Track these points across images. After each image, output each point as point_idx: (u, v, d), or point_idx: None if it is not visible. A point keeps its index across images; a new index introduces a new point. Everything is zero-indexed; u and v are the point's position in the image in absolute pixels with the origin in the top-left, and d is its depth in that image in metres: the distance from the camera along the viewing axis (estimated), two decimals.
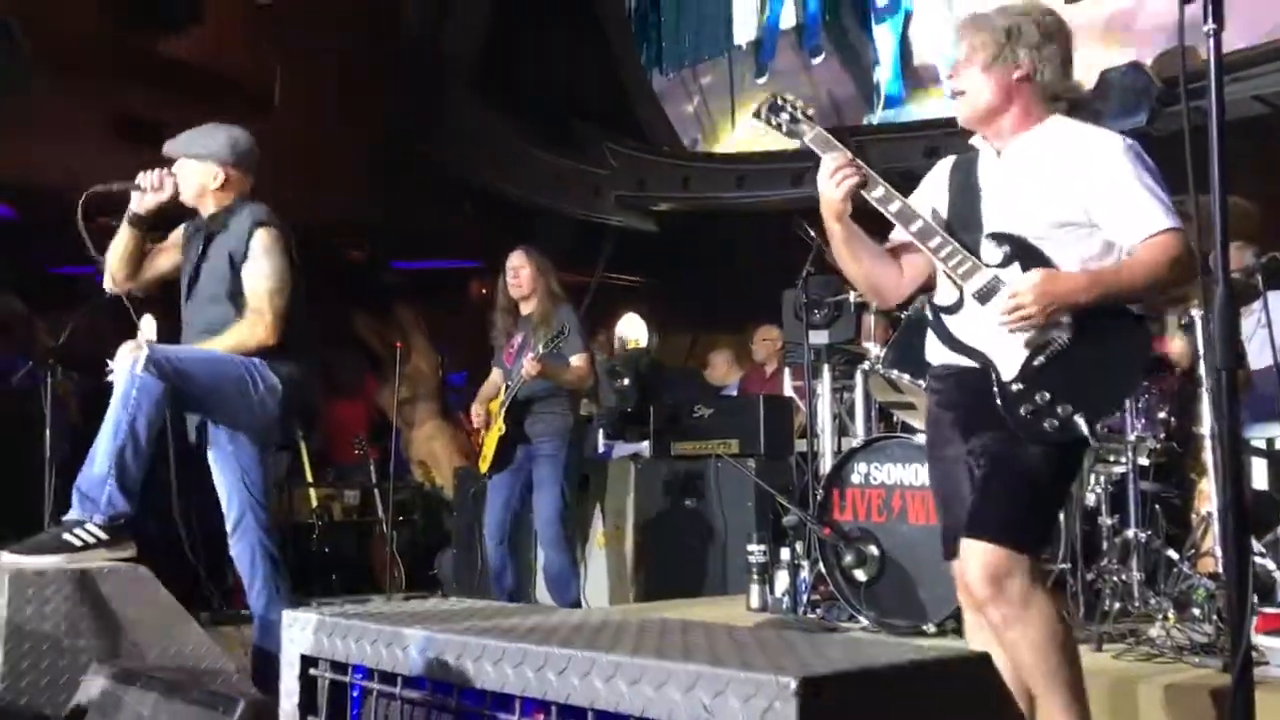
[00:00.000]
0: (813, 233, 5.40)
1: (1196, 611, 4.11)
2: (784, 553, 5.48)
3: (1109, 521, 4.44)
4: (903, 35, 9.91)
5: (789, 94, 2.87)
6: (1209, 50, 2.18)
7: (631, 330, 10.47)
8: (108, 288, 4.09)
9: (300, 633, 2.18)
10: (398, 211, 10.44)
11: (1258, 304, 4.48)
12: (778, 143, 10.97)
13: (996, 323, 2.61)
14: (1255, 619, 3.46)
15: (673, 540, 6.52)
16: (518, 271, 5.75)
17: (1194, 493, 4.69)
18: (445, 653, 1.85)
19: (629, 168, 10.61)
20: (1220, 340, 2.09)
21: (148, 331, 4.26)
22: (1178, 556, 4.35)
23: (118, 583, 3.23)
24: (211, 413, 3.86)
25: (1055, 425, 2.56)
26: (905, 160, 7.83)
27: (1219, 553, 4.27)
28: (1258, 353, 4.63)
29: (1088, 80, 6.84)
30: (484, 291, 8.60)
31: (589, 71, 11.31)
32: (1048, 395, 2.56)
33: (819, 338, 5.99)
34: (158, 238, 4.14)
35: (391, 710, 1.99)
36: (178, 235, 4.13)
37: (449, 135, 10.73)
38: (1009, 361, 2.63)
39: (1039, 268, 2.60)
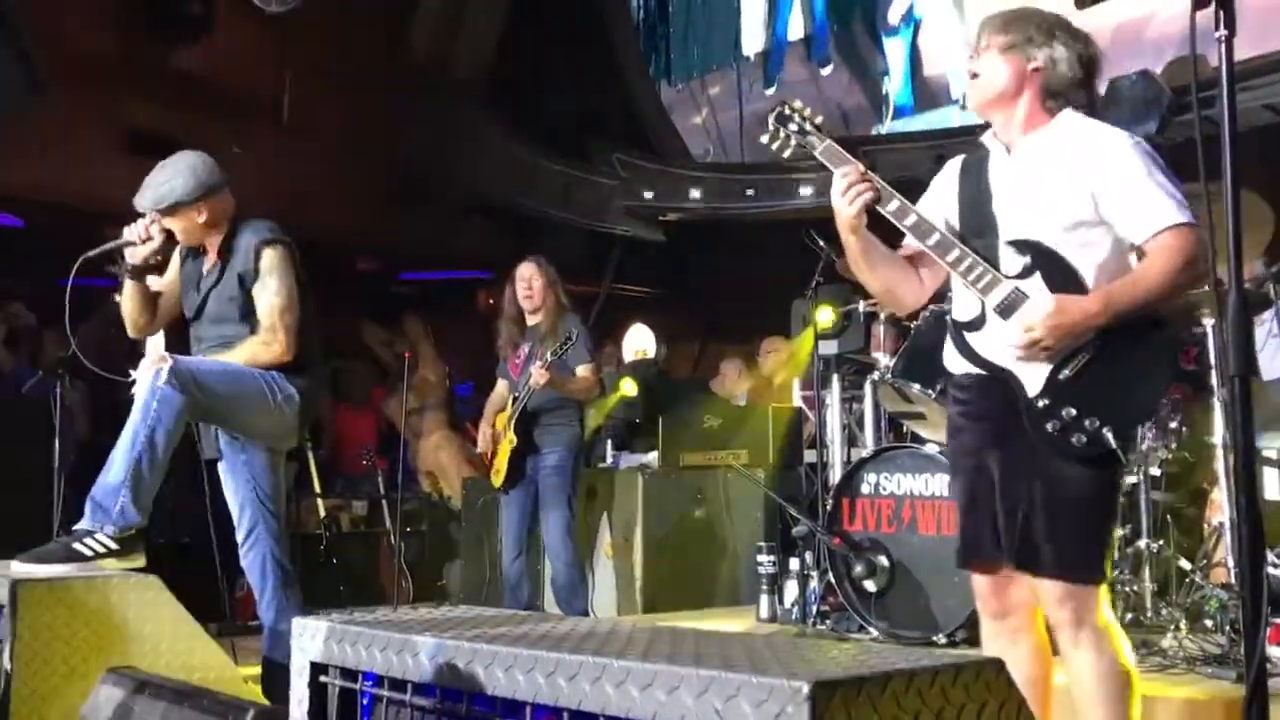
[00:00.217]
0: (821, 242, 5.40)
1: (1209, 622, 4.10)
2: (793, 563, 5.47)
3: (1121, 532, 4.42)
4: (912, 45, 9.91)
5: (796, 102, 2.84)
6: (1220, 56, 2.17)
7: (639, 341, 10.46)
8: (133, 335, 4.09)
9: (310, 640, 2.18)
10: (407, 222, 10.46)
11: (1269, 313, 4.46)
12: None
13: (1011, 344, 2.58)
14: (1269, 630, 3.44)
15: (681, 551, 6.50)
16: (530, 283, 5.74)
17: (1206, 503, 4.67)
18: (456, 659, 1.85)
19: (637, 178, 10.61)
20: (1234, 347, 2.07)
21: (157, 344, 4.26)
22: (1190, 567, 4.34)
23: (128, 592, 3.24)
24: (232, 423, 3.88)
25: (1083, 440, 2.51)
26: (915, 170, 7.80)
27: (1231, 563, 4.25)
28: (1269, 362, 4.62)
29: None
30: (491, 302, 8.60)
31: (597, 82, 11.33)
32: (1074, 411, 2.52)
33: (828, 348, 5.99)
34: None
35: (402, 717, 1.99)
36: (175, 268, 4.13)
37: (457, 147, 10.74)
38: (1033, 377, 2.59)
39: (1057, 276, 2.57)
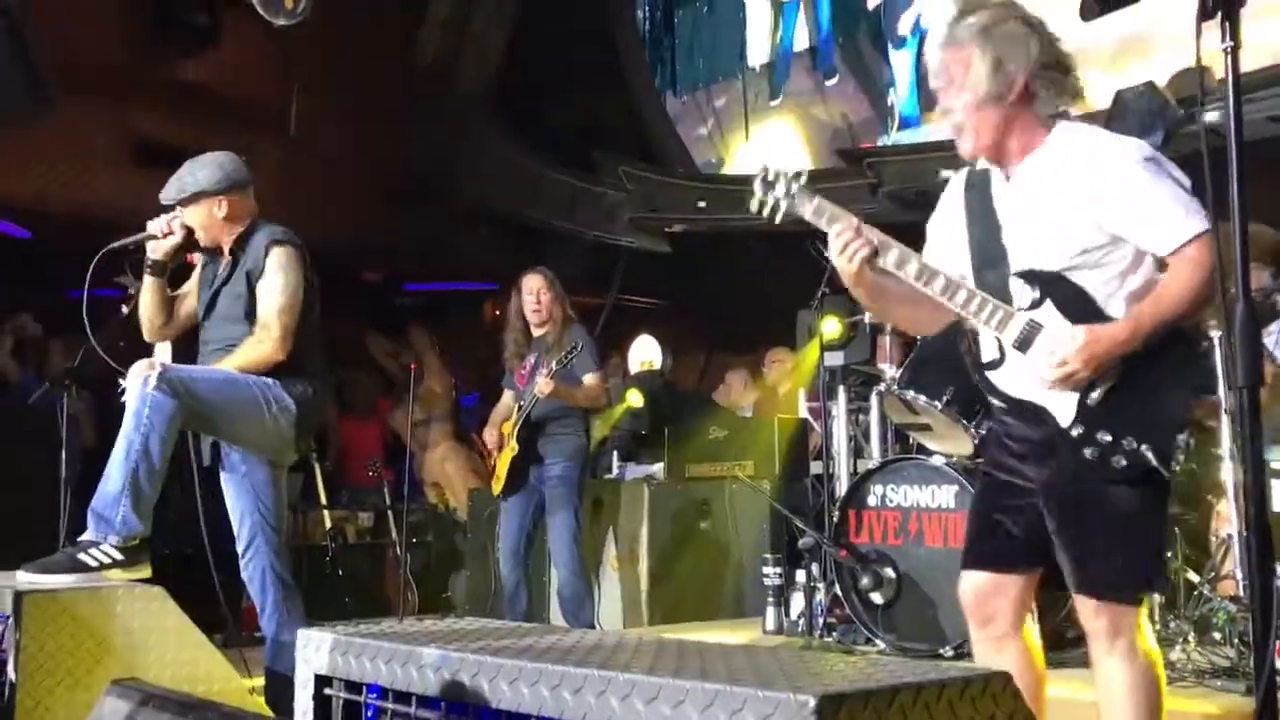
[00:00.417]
0: (826, 254, 5.39)
1: (1217, 635, 4.08)
2: (799, 575, 5.46)
3: None
4: (918, 55, 9.92)
5: (778, 163, 2.80)
6: (1226, 67, 2.16)
7: (645, 352, 10.45)
8: (149, 338, 4.10)
9: (315, 652, 2.17)
10: (412, 233, 10.48)
11: (1275, 325, 4.45)
12: (790, 163, 11.02)
13: (1042, 377, 2.55)
14: (1278, 643, 3.42)
15: (687, 563, 6.49)
16: (538, 295, 5.75)
17: (1212, 515, 4.65)
18: (461, 672, 1.84)
19: (643, 189, 10.63)
20: (1242, 358, 2.06)
21: (162, 353, 4.27)
22: (1198, 580, 4.32)
23: (132, 603, 3.24)
24: (224, 433, 3.85)
25: (1123, 463, 2.49)
26: (921, 181, 7.79)
27: (1239, 575, 4.23)
28: None
29: (1103, 101, 6.83)
30: (497, 313, 8.61)
31: (603, 94, 11.35)
32: (1108, 436, 2.50)
33: (834, 359, 5.98)
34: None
35: None
36: (195, 278, 4.15)
37: (463, 158, 10.76)
38: (1063, 406, 2.56)
39: (1069, 302, 2.55)
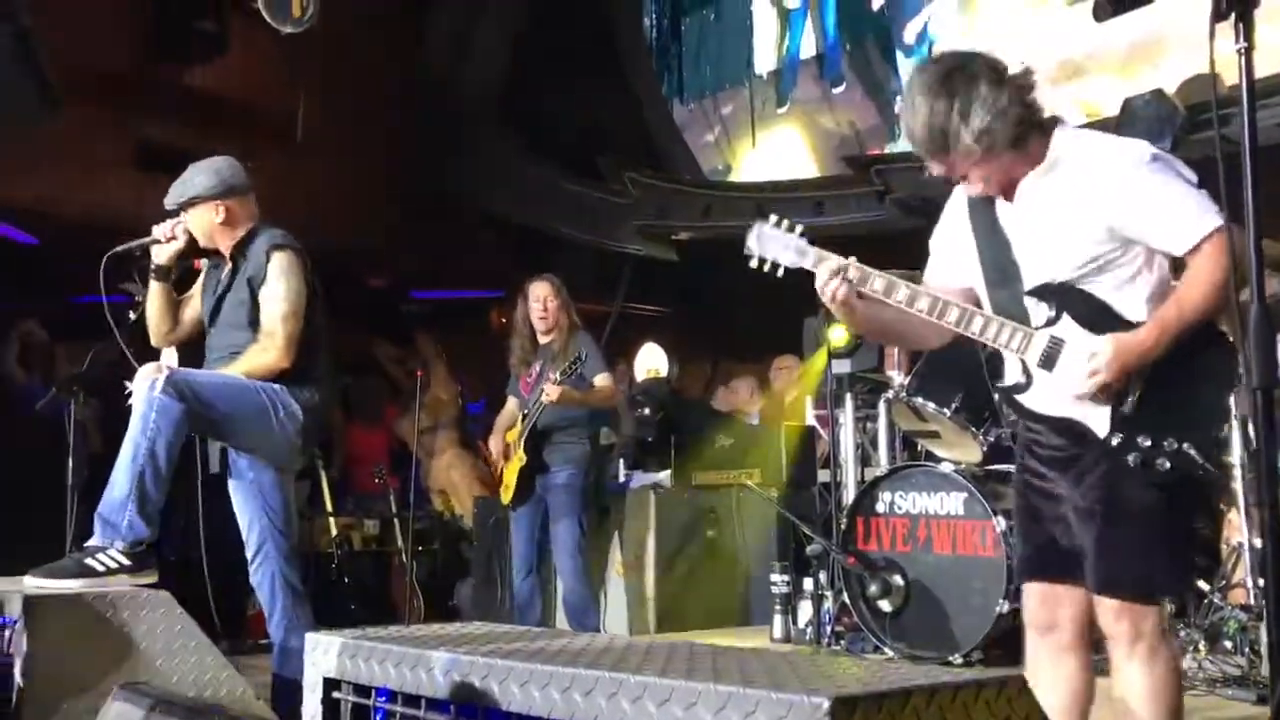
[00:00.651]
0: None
1: (1229, 644, 4.07)
2: (807, 583, 5.45)
3: None
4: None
5: (773, 217, 2.74)
6: (1240, 69, 2.15)
7: (651, 360, 10.44)
8: (155, 344, 4.09)
9: (323, 655, 2.16)
10: (418, 240, 10.48)
11: None
12: (797, 170, 10.96)
13: (1074, 392, 2.54)
14: None
15: (693, 570, 6.48)
16: (545, 302, 5.76)
17: (1223, 523, 4.63)
18: (470, 675, 1.83)
19: (650, 197, 10.62)
20: (1256, 360, 2.04)
21: (168, 358, 4.26)
22: (1209, 588, 4.30)
23: (139, 608, 3.22)
24: (232, 438, 3.84)
25: (1167, 465, 2.47)
26: (927, 189, 7.79)
27: (1250, 584, 4.22)
28: None
29: (1112, 108, 6.83)
30: (503, 320, 8.60)
31: (610, 101, 11.35)
32: (1149, 440, 2.48)
33: (841, 366, 5.97)
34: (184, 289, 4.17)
35: None
36: (200, 283, 4.15)
37: (470, 165, 10.77)
38: (1099, 417, 2.54)
39: (1086, 312, 2.54)
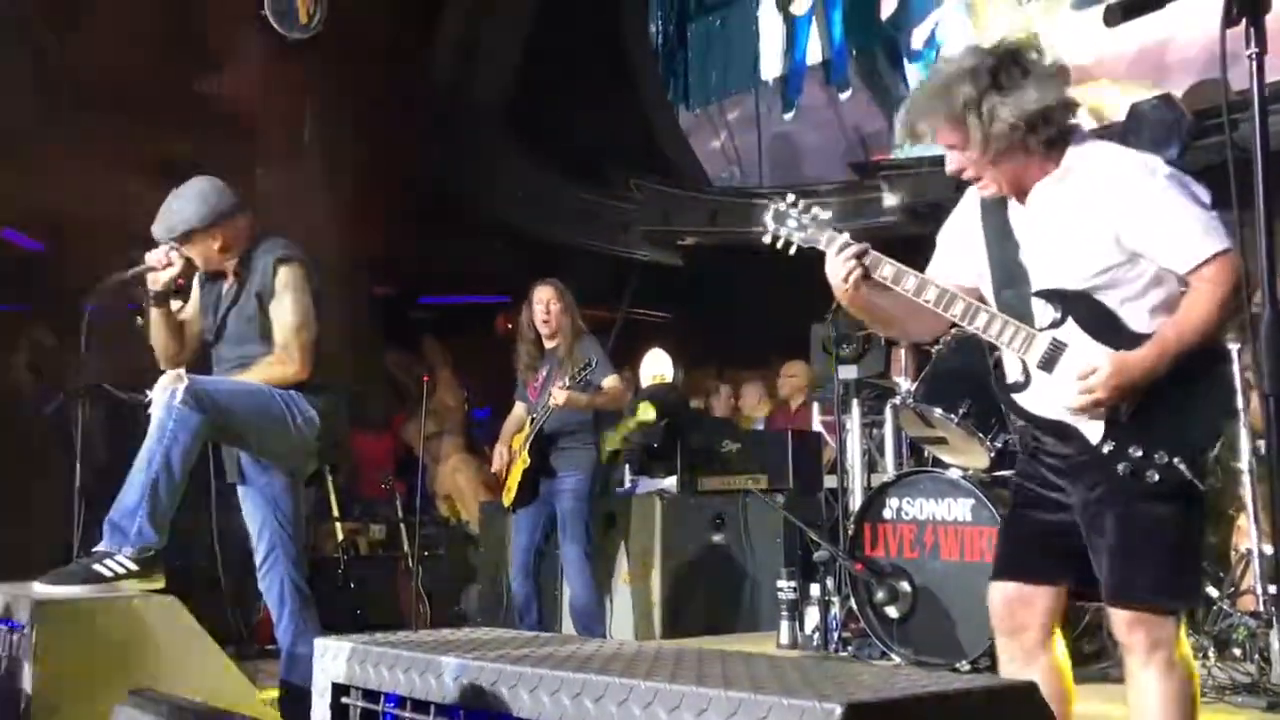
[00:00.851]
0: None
1: (1237, 651, 4.06)
2: (814, 589, 5.43)
3: None
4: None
5: (789, 196, 2.77)
6: (1251, 74, 2.14)
7: (657, 365, 10.45)
8: (165, 367, 4.07)
9: (332, 661, 2.16)
10: (425, 247, 10.49)
11: None
12: (804, 176, 10.94)
13: (1068, 405, 2.54)
14: None
15: (700, 576, 6.47)
16: (548, 307, 5.75)
17: (1232, 529, 4.62)
18: (480, 680, 1.83)
19: (655, 203, 10.64)
20: (1268, 368, 2.02)
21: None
22: (1217, 595, 4.29)
23: (147, 613, 3.23)
24: (249, 445, 3.84)
25: (1156, 477, 2.48)
26: (934, 194, 7.79)
27: (1259, 590, 4.21)
28: None
29: (1119, 113, 6.83)
30: (509, 326, 8.62)
31: (616, 107, 11.37)
32: (1140, 451, 2.49)
33: (848, 372, 5.96)
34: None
35: None
36: (195, 301, 4.13)
37: (476, 171, 10.79)
38: (1093, 424, 2.55)
39: (1091, 320, 2.54)
